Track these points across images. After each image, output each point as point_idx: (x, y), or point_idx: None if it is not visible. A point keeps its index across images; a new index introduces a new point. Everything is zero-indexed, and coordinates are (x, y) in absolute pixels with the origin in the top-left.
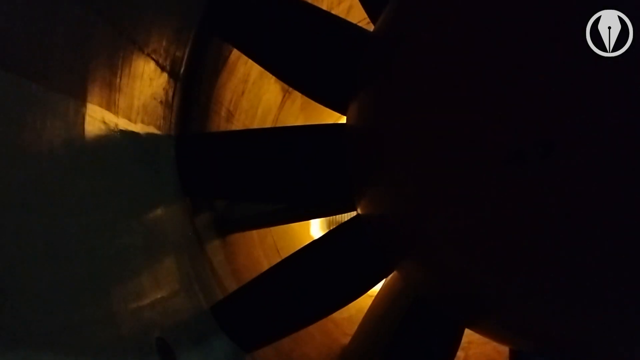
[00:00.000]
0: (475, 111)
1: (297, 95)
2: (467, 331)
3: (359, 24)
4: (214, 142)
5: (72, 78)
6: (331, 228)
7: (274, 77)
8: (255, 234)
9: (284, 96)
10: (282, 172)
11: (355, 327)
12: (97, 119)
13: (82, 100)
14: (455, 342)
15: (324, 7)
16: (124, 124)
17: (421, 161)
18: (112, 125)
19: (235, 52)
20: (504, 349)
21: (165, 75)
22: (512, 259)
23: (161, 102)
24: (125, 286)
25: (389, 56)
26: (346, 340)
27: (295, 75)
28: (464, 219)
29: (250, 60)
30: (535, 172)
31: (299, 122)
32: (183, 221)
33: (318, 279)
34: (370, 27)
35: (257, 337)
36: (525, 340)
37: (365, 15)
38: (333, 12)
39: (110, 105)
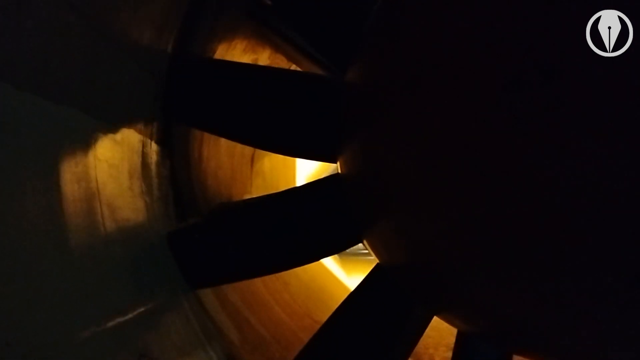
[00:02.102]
0: (473, 36)
1: None
2: None
3: None
4: (211, 68)
5: (46, 79)
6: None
7: None
8: None
9: None
10: (271, 110)
11: None
12: (75, 122)
13: (58, 103)
14: (406, 321)
15: None
16: (103, 127)
17: (409, 92)
18: (91, 129)
19: (218, 55)
20: None
21: (145, 77)
22: (498, 210)
23: (143, 104)
24: (105, 301)
25: None
26: None
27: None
28: (447, 158)
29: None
30: (533, 101)
31: None
32: (169, 228)
33: (282, 227)
34: None
35: (207, 274)
36: (485, 323)
37: None
38: None
39: (89, 108)
